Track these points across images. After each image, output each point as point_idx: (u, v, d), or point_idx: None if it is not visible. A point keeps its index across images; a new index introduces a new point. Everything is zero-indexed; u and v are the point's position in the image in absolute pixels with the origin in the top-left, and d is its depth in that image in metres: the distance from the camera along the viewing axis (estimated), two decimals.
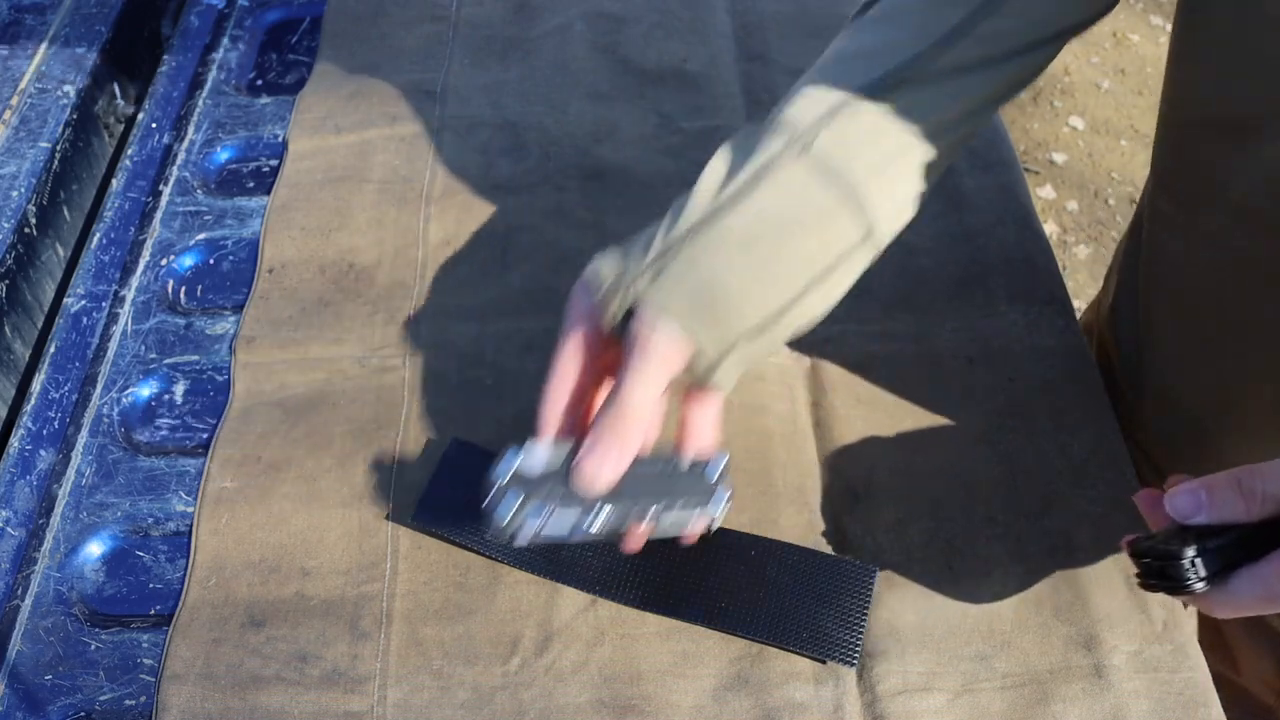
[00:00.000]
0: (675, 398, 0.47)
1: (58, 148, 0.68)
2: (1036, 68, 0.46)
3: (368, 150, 0.69)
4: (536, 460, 0.43)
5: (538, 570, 0.50)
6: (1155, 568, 0.36)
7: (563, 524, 0.43)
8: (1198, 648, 0.47)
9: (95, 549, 0.52)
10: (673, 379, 0.43)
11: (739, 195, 0.42)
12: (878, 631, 0.48)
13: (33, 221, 0.65)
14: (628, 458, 0.42)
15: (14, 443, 0.56)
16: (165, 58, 0.77)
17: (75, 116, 0.70)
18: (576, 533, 0.43)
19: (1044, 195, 1.98)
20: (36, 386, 0.58)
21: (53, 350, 0.60)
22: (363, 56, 0.75)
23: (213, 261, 0.64)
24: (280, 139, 0.70)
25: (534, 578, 0.50)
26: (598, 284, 0.43)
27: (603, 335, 0.44)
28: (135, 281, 0.63)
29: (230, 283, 0.63)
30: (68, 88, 0.70)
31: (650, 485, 0.43)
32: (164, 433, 0.56)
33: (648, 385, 0.41)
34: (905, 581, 0.49)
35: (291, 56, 0.77)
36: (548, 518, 0.42)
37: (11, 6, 0.76)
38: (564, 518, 0.42)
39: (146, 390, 0.58)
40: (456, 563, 0.50)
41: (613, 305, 0.42)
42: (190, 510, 0.53)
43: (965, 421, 0.55)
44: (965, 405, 0.56)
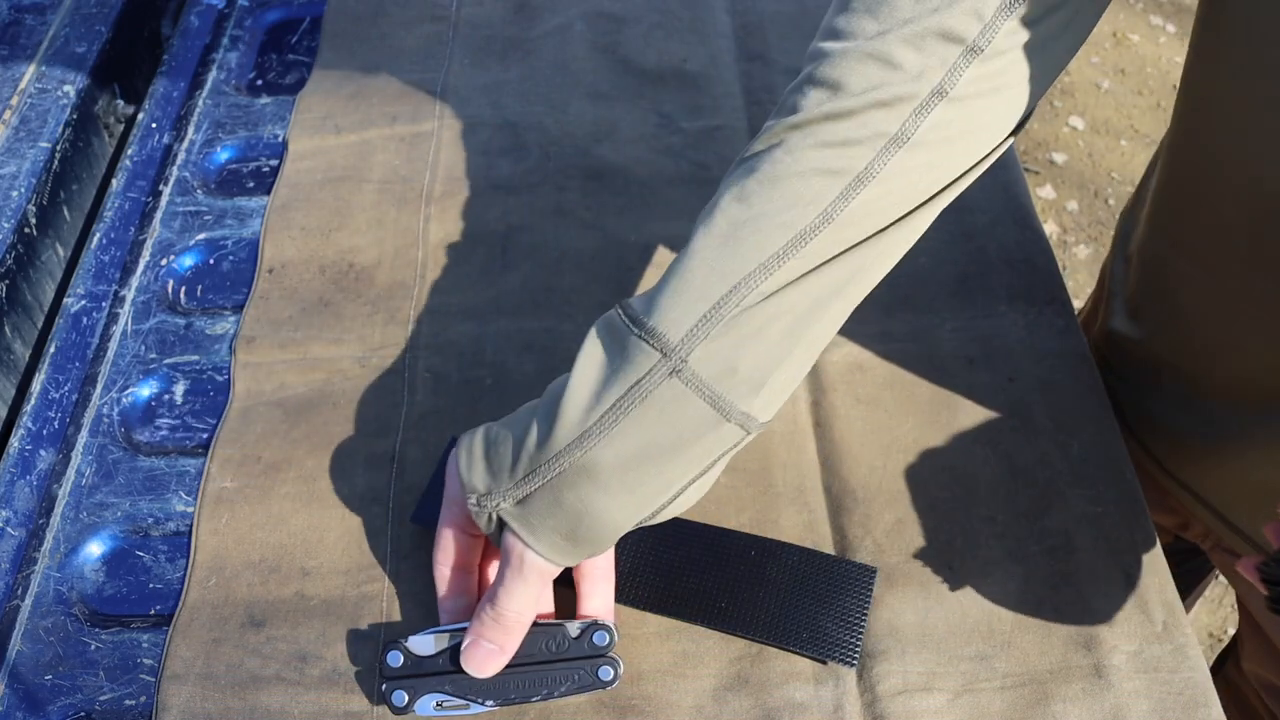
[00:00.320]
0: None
1: (58, 148, 0.68)
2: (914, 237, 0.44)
3: (368, 150, 0.69)
4: (425, 645, 0.45)
5: None
6: None
7: (454, 711, 0.45)
8: (1198, 648, 0.47)
9: (95, 549, 0.52)
10: (550, 579, 0.44)
11: (609, 421, 0.40)
12: (878, 631, 0.48)
13: (33, 221, 0.65)
14: (509, 652, 0.44)
15: (14, 443, 0.56)
16: (165, 58, 0.77)
17: (75, 116, 0.70)
18: (472, 710, 0.45)
19: (1044, 195, 1.98)
20: (36, 386, 0.58)
21: (53, 350, 0.60)
22: (363, 56, 0.75)
23: (213, 261, 0.64)
24: (280, 139, 0.70)
25: None
26: (470, 489, 0.43)
27: (478, 531, 0.46)
28: (135, 281, 0.63)
29: (230, 283, 0.63)
30: (68, 88, 0.70)
31: (539, 656, 0.45)
32: (164, 433, 0.56)
33: (525, 596, 0.43)
34: (905, 581, 0.49)
35: (291, 56, 0.77)
36: (439, 711, 0.45)
37: (11, 6, 0.76)
38: (454, 706, 0.45)
39: (146, 390, 0.58)
40: None
41: (483, 520, 0.43)
42: (190, 510, 0.53)
43: (965, 421, 0.55)
44: (965, 405, 0.56)
